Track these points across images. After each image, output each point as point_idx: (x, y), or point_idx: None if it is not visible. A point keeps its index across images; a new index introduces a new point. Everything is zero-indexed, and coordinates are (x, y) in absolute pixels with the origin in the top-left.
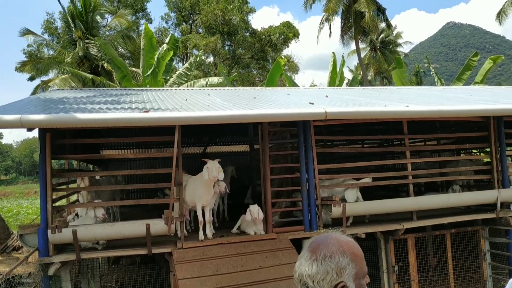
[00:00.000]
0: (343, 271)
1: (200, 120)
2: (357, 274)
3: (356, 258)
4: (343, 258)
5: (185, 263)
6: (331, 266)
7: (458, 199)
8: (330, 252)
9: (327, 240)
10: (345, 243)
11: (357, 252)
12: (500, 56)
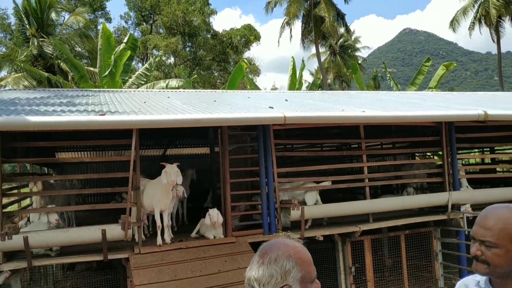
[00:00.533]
0: (288, 274)
1: (158, 124)
2: (303, 278)
3: (303, 263)
4: (288, 262)
5: (142, 269)
6: (276, 270)
7: (412, 201)
8: (276, 256)
9: (275, 245)
10: (292, 248)
11: (304, 257)
12: (453, 63)
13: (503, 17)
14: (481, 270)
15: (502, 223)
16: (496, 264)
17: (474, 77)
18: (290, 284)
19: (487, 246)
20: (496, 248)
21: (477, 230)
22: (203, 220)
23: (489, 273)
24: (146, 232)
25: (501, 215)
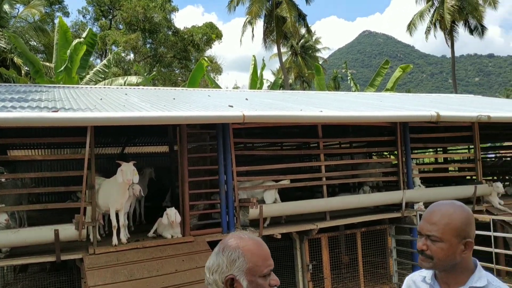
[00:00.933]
0: (233, 264)
1: (113, 122)
2: (250, 270)
3: (251, 255)
4: (234, 252)
5: (97, 270)
6: (222, 259)
7: (368, 199)
8: (224, 246)
9: (229, 236)
10: (244, 239)
11: (253, 249)
12: (409, 65)
13: (457, 22)
14: (426, 264)
15: (447, 218)
16: (440, 258)
17: (430, 79)
18: (235, 274)
19: (433, 241)
20: (441, 242)
21: (424, 226)
22: (161, 219)
23: (433, 267)
24: (102, 232)
25: (446, 211)
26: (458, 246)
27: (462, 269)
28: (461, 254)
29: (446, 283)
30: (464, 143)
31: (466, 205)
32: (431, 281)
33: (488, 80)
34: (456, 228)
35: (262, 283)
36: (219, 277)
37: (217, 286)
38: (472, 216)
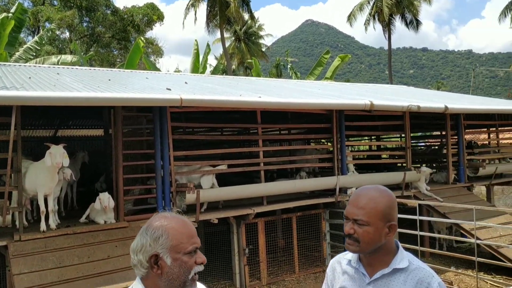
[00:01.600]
0: (156, 242)
1: (41, 101)
2: (174, 248)
3: (175, 232)
4: (157, 230)
5: (22, 257)
6: (146, 238)
7: (303, 184)
8: (148, 225)
9: (153, 216)
10: (168, 218)
11: (177, 227)
12: (348, 55)
13: (394, 15)
14: (353, 248)
15: (373, 202)
16: (366, 241)
17: (368, 70)
18: (159, 252)
19: (360, 225)
20: (368, 226)
21: (351, 210)
22: (93, 204)
23: (359, 250)
24: (30, 218)
25: (371, 196)
26: (383, 229)
27: (386, 251)
28: (385, 237)
29: (370, 265)
30: (396, 132)
31: (395, 191)
32: (356, 264)
33: (422, 72)
34: (382, 212)
35: (187, 260)
36: (143, 257)
37: (142, 266)
38: (395, 200)
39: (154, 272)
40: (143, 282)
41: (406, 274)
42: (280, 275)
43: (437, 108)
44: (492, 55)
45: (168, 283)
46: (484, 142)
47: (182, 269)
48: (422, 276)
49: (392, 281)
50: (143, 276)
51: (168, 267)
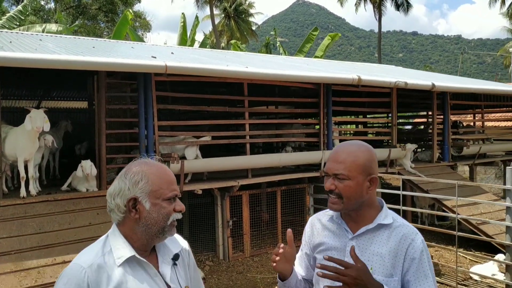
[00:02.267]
0: (135, 186)
1: (20, 63)
2: (153, 193)
3: (155, 178)
4: (137, 175)
5: (1, 222)
6: (124, 182)
7: (289, 158)
8: (127, 169)
9: (133, 162)
10: (148, 164)
11: (157, 172)
12: (338, 34)
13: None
14: (336, 206)
15: (353, 156)
16: (348, 196)
17: (358, 52)
18: (137, 196)
19: (340, 179)
20: (348, 180)
21: (331, 166)
22: (75, 172)
23: (343, 208)
24: (10, 185)
25: (351, 150)
26: (364, 183)
27: (369, 207)
28: (367, 191)
29: (354, 221)
30: (383, 109)
31: (380, 168)
32: (338, 220)
33: (411, 56)
34: (362, 165)
35: (166, 206)
36: (121, 200)
37: (119, 210)
38: (375, 155)
39: (132, 217)
40: (119, 229)
41: (390, 231)
42: (263, 247)
43: (424, 86)
44: (480, 41)
45: (146, 228)
46: (469, 122)
47: (161, 215)
48: (406, 233)
49: (376, 237)
50: (119, 221)
51: (147, 211)
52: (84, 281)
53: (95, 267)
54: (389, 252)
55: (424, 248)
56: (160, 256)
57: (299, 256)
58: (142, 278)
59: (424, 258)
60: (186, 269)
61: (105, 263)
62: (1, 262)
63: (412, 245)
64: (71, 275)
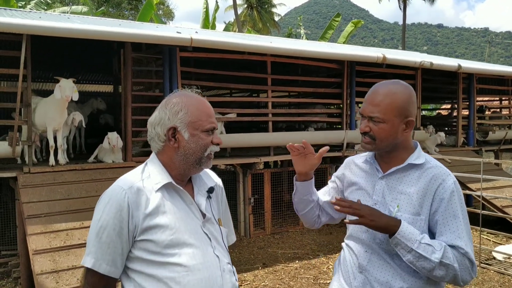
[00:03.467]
0: (175, 115)
1: (52, 32)
2: (192, 123)
3: (194, 109)
4: (177, 105)
5: (31, 188)
6: (165, 112)
7: (312, 136)
8: (168, 100)
9: (173, 93)
10: (188, 96)
11: (197, 104)
12: (361, 21)
13: None
14: (369, 146)
15: (389, 98)
16: (382, 138)
17: (381, 45)
18: (177, 125)
19: (375, 122)
20: (383, 123)
21: (366, 107)
22: (102, 145)
23: (375, 148)
24: (39, 156)
25: (388, 91)
26: (399, 126)
27: (403, 149)
28: (402, 133)
29: (386, 162)
30: None
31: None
32: (371, 160)
33: (436, 49)
34: (398, 107)
35: (204, 138)
36: (161, 129)
37: (159, 139)
38: (414, 95)
39: (171, 146)
40: (158, 157)
41: (421, 171)
42: (284, 226)
43: (450, 66)
44: (509, 34)
45: (184, 157)
46: (495, 108)
47: (199, 145)
48: (437, 173)
49: (405, 177)
50: (159, 150)
51: (185, 141)
52: (125, 201)
53: (135, 189)
54: (417, 191)
55: (455, 189)
56: (196, 188)
57: (326, 189)
58: (179, 204)
59: (454, 199)
60: (219, 204)
61: (144, 187)
62: (32, 224)
63: (442, 185)
64: (113, 195)
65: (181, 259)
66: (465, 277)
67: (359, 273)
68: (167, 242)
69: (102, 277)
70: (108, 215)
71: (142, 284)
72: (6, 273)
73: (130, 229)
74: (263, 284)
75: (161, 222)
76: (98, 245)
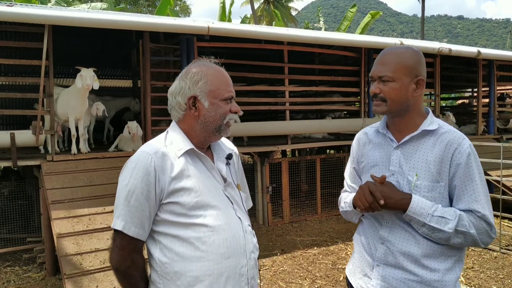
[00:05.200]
0: (195, 85)
1: (72, 22)
2: (212, 92)
3: (213, 79)
4: (197, 74)
5: (55, 175)
6: (185, 81)
7: (329, 125)
8: (187, 69)
9: (192, 63)
10: (207, 66)
11: (215, 73)
12: (379, 12)
13: None
14: (380, 108)
15: (398, 57)
16: (393, 99)
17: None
18: (197, 94)
19: (384, 81)
20: (393, 82)
21: (375, 68)
22: (122, 134)
23: (387, 110)
24: (62, 147)
25: (397, 52)
26: (410, 85)
27: (415, 113)
28: (413, 94)
29: (399, 130)
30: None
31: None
32: (383, 130)
33: (456, 41)
34: (408, 66)
35: (223, 106)
36: (181, 99)
37: (180, 108)
38: (423, 58)
39: (192, 114)
40: (179, 126)
41: (436, 137)
42: (302, 215)
43: (469, 53)
44: None
45: (204, 125)
46: None
47: (218, 113)
48: (452, 138)
49: (421, 144)
50: (179, 119)
51: (205, 109)
52: (151, 165)
53: (160, 154)
54: (434, 158)
55: (471, 152)
56: (215, 154)
57: (350, 172)
58: (201, 169)
59: (471, 162)
60: (236, 170)
61: (168, 152)
62: (56, 209)
63: (459, 150)
64: (139, 160)
65: (206, 220)
66: (485, 240)
67: (380, 244)
68: (193, 204)
69: (131, 239)
70: (135, 180)
71: (168, 245)
72: (32, 259)
73: (157, 192)
74: (282, 269)
75: (186, 185)
76: (127, 209)
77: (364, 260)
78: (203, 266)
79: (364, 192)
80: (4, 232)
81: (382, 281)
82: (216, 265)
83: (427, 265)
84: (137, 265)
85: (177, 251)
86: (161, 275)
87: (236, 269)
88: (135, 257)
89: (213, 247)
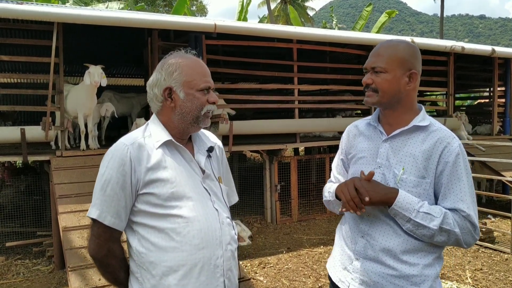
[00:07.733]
0: (170, 76)
1: (81, 19)
2: (187, 83)
3: (188, 69)
4: (172, 66)
5: (63, 170)
6: (161, 73)
7: (338, 123)
8: (164, 61)
9: (171, 54)
10: (183, 57)
11: (191, 64)
12: (395, 11)
13: None
14: (371, 99)
15: (391, 49)
16: (384, 90)
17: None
18: (172, 85)
19: (377, 72)
20: (385, 73)
21: (368, 60)
22: (130, 130)
23: (378, 101)
24: (72, 143)
25: (391, 44)
26: (402, 78)
27: (407, 108)
28: (405, 87)
29: (389, 124)
30: (438, 77)
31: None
32: (374, 123)
33: (477, 41)
34: (401, 57)
35: (199, 97)
36: (158, 90)
37: (157, 99)
38: (418, 52)
39: (168, 105)
40: (158, 117)
41: (426, 133)
42: (311, 214)
43: (483, 51)
44: None
45: (181, 116)
46: None
47: (194, 104)
48: (442, 136)
49: (410, 139)
50: (158, 110)
51: (181, 100)
52: (127, 155)
53: (136, 145)
54: (422, 153)
55: (460, 152)
56: (196, 147)
57: (337, 164)
58: (179, 161)
59: (459, 162)
60: (219, 163)
61: (146, 144)
62: (62, 204)
63: (448, 149)
64: (116, 151)
65: (181, 211)
66: (468, 240)
67: (360, 238)
68: (168, 195)
69: (106, 228)
70: (111, 170)
71: (145, 235)
72: (41, 252)
73: (132, 182)
74: (286, 267)
75: (162, 176)
76: (103, 198)
77: (344, 253)
78: (177, 256)
79: (348, 187)
80: (16, 226)
81: (361, 275)
82: (190, 255)
83: (406, 260)
84: (114, 254)
85: (153, 241)
86: (138, 264)
87: (210, 260)
88: (111, 245)
89: (188, 238)
